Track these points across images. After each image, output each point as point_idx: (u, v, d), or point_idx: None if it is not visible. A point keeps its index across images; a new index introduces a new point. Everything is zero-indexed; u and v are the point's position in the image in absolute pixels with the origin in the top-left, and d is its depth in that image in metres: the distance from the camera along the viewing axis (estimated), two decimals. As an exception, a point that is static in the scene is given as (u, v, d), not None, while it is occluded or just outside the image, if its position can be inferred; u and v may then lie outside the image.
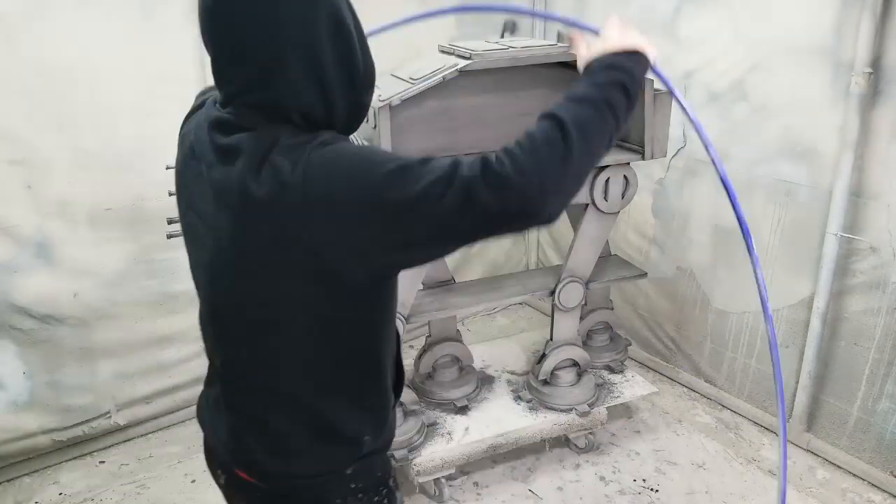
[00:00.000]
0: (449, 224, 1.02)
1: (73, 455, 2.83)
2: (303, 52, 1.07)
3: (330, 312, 1.14)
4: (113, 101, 2.55)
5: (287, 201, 1.02)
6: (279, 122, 1.08)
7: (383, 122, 2.09)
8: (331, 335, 1.16)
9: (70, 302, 2.64)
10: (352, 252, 1.05)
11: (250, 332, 1.20)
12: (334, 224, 1.02)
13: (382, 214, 1.01)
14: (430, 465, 2.48)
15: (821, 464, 2.74)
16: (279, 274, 1.09)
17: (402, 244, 1.07)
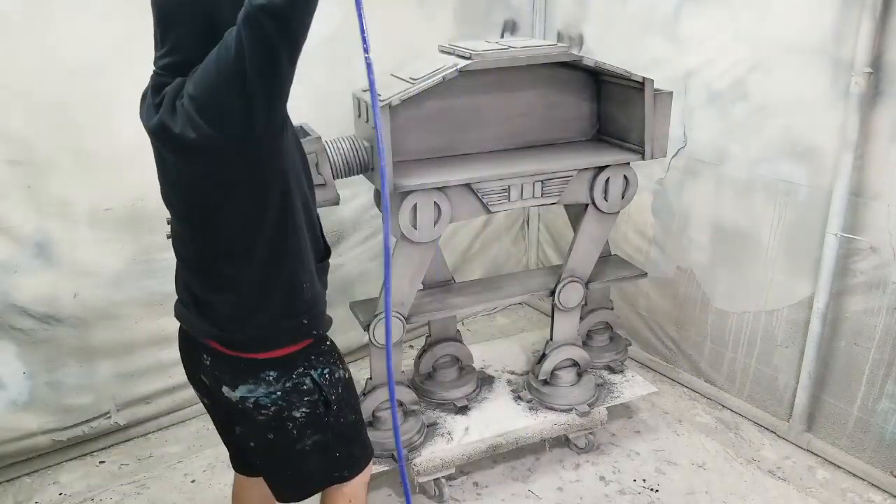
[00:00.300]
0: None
1: (73, 455, 2.83)
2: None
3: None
4: (113, 101, 2.54)
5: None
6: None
7: (383, 122, 2.09)
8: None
9: (70, 302, 2.64)
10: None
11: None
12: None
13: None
14: (430, 465, 2.48)
15: (821, 464, 2.74)
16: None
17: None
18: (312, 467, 1.71)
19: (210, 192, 1.44)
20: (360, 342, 3.42)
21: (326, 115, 2.98)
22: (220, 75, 1.32)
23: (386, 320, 1.74)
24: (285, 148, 1.45)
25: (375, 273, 3.33)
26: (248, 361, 1.58)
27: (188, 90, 1.37)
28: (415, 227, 2.24)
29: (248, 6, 1.27)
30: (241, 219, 1.46)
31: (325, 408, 1.65)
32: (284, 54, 1.35)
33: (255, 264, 1.50)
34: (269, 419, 1.61)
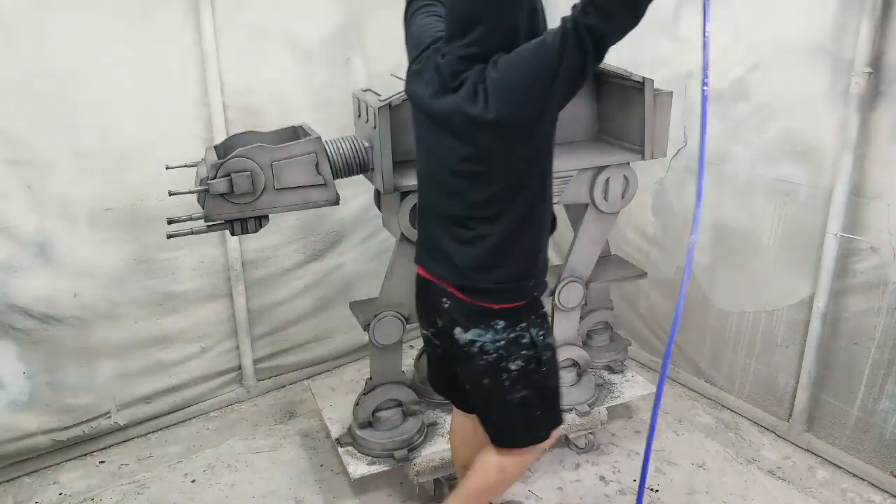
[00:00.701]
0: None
1: (73, 455, 2.83)
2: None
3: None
4: (113, 101, 2.55)
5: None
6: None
7: (383, 122, 2.09)
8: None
9: (70, 302, 2.64)
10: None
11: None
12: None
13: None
14: (431, 465, 2.48)
15: (821, 464, 2.74)
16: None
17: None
18: (516, 421, 1.93)
19: (484, 163, 1.68)
20: (361, 342, 3.42)
21: (326, 115, 3.00)
22: (534, 70, 1.57)
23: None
24: (552, 131, 1.71)
25: (375, 273, 3.33)
26: (482, 309, 1.80)
27: (495, 77, 1.60)
28: (415, 227, 2.24)
29: (579, 20, 1.48)
30: (505, 187, 1.70)
31: (536, 365, 1.86)
32: (591, 69, 1.57)
33: (506, 226, 1.73)
34: (488, 365, 1.83)
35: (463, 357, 1.86)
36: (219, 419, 3.11)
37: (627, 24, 1.50)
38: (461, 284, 1.80)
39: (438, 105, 1.71)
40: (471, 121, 1.63)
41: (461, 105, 1.64)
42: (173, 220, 2.06)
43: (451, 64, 1.68)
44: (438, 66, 1.71)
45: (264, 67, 2.83)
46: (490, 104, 1.59)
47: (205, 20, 2.63)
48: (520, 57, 1.58)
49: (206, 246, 2.90)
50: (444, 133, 1.71)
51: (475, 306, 1.80)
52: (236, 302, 3.04)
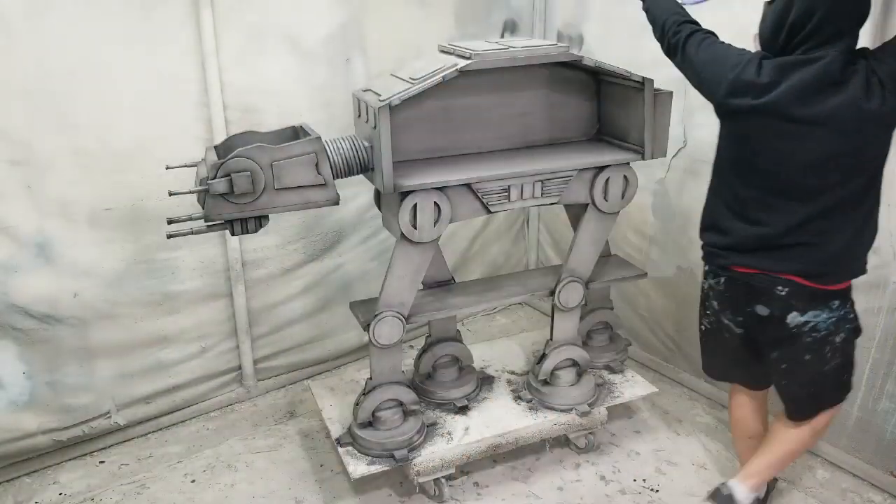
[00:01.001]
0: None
1: (72, 455, 2.83)
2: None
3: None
4: (113, 101, 2.55)
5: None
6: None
7: (383, 122, 2.09)
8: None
9: (70, 302, 2.64)
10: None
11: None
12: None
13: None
14: (430, 465, 2.48)
15: (821, 464, 2.74)
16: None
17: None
18: (827, 387, 2.16)
19: (859, 156, 1.85)
20: (361, 342, 3.42)
21: (326, 115, 3.00)
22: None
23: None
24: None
25: (375, 273, 3.33)
26: (824, 292, 1.99)
27: (889, 70, 1.78)
28: (415, 227, 2.24)
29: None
30: (871, 176, 1.90)
31: (853, 335, 2.09)
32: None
33: (865, 213, 1.95)
34: (815, 342, 2.03)
35: (786, 338, 2.05)
36: (219, 419, 3.11)
37: None
38: (819, 272, 1.97)
39: (814, 108, 1.83)
40: (864, 114, 1.78)
41: (855, 100, 1.78)
42: (173, 220, 2.06)
43: (829, 64, 1.80)
44: (807, 71, 1.83)
45: (264, 67, 2.83)
46: (889, 96, 1.76)
47: (205, 20, 2.63)
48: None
49: (206, 246, 2.90)
50: (815, 134, 1.84)
51: (818, 290, 1.98)
52: (236, 302, 3.04)
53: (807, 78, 1.83)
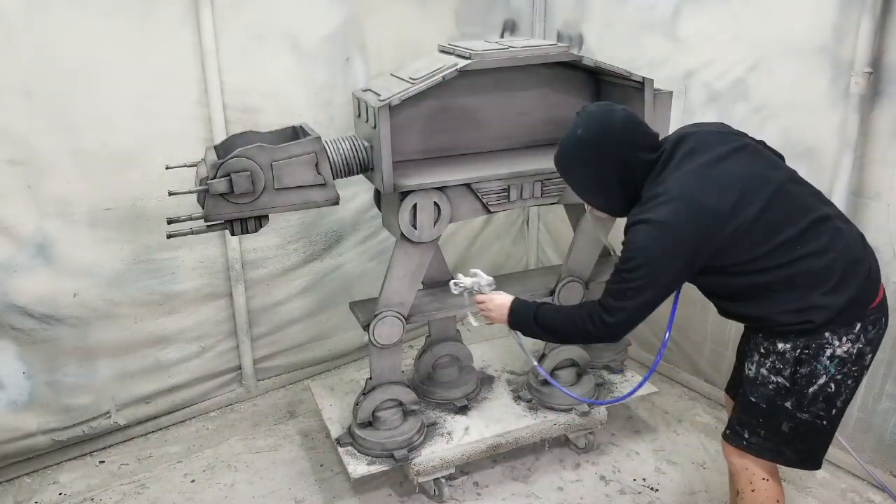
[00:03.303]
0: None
1: (72, 455, 2.83)
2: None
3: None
4: (113, 101, 2.55)
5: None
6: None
7: (383, 122, 2.09)
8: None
9: (70, 302, 2.64)
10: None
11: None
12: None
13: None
14: (430, 465, 2.48)
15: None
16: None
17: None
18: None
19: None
20: (361, 342, 3.42)
21: (326, 115, 3.00)
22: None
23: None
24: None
25: (375, 273, 3.33)
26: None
27: None
28: (415, 227, 2.24)
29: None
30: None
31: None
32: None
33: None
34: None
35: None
36: (219, 419, 3.11)
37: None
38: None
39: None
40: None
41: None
42: (173, 220, 2.06)
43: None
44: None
45: (264, 67, 2.83)
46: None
47: (204, 19, 2.63)
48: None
49: (206, 246, 2.90)
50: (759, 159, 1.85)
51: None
52: (236, 302, 3.04)
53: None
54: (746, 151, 1.82)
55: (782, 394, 1.83)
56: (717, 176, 1.73)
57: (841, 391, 1.82)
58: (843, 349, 1.77)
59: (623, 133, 1.81)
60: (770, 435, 1.87)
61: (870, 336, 1.79)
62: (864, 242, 1.86)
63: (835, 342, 1.76)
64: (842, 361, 1.78)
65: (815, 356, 1.78)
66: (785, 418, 1.84)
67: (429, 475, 2.51)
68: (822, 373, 1.79)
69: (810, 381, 1.80)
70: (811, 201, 1.80)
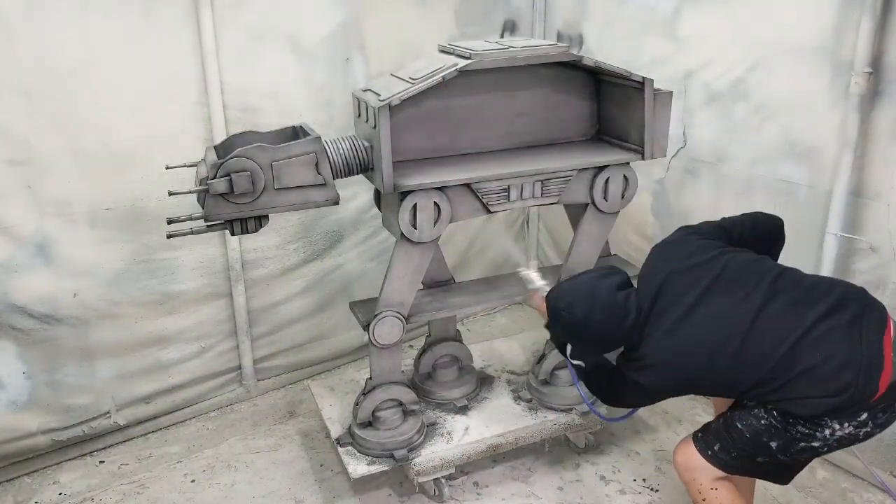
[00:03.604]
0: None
1: (72, 455, 2.83)
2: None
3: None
4: (113, 101, 2.55)
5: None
6: None
7: (383, 122, 2.09)
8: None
9: (70, 302, 2.64)
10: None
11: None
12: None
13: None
14: (430, 465, 2.48)
15: (821, 464, 2.74)
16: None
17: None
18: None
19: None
20: (361, 342, 3.42)
21: (326, 115, 3.00)
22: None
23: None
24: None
25: (375, 273, 3.33)
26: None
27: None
28: (415, 227, 2.24)
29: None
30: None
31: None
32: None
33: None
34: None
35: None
36: (218, 419, 3.11)
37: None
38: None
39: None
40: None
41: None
42: (173, 220, 2.06)
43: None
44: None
45: (264, 67, 2.83)
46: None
47: (205, 20, 2.63)
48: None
49: (206, 246, 2.90)
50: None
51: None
52: (236, 302, 3.04)
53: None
54: (718, 286, 1.86)
55: (771, 433, 1.83)
56: (686, 335, 1.85)
57: (825, 451, 1.88)
58: (844, 431, 1.80)
59: (603, 324, 1.95)
60: (741, 459, 1.89)
61: (880, 421, 1.81)
62: (862, 337, 1.77)
63: (835, 425, 1.79)
64: (841, 439, 1.82)
65: (816, 428, 1.80)
66: (764, 454, 1.86)
67: (429, 475, 2.51)
68: (819, 438, 1.81)
69: (805, 439, 1.82)
70: (792, 317, 1.79)
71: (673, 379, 1.88)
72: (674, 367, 1.86)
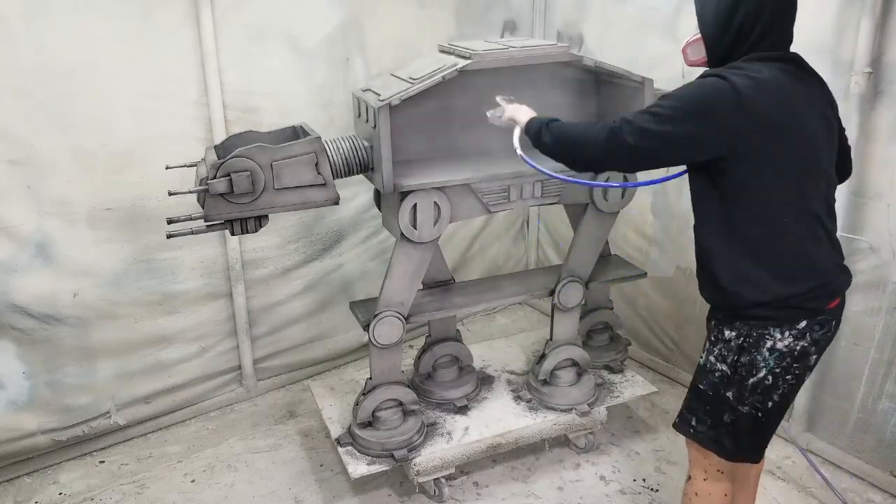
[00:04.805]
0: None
1: (72, 455, 2.83)
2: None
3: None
4: (113, 101, 2.55)
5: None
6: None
7: (383, 122, 2.09)
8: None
9: (70, 302, 2.64)
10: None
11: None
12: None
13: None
14: (430, 465, 2.48)
15: (821, 464, 2.74)
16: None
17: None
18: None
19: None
20: (361, 342, 3.42)
21: (326, 115, 3.00)
22: None
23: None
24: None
25: (375, 273, 3.33)
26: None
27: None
28: (415, 227, 2.24)
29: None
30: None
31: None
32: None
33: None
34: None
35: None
36: (218, 419, 3.11)
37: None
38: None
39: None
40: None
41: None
42: (173, 220, 2.06)
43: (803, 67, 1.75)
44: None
45: (264, 67, 2.83)
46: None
47: (204, 20, 2.63)
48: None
49: (206, 246, 2.90)
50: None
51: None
52: (236, 302, 3.04)
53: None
54: (830, 131, 1.79)
55: (725, 383, 1.83)
56: (801, 104, 1.70)
57: (778, 385, 1.79)
58: (783, 343, 1.75)
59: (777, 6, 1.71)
60: (713, 424, 1.88)
61: (816, 336, 1.76)
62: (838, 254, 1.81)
63: (776, 335, 1.75)
64: (781, 355, 1.76)
65: (756, 346, 1.77)
66: (727, 409, 1.85)
67: (429, 475, 2.51)
68: (761, 364, 1.78)
69: (750, 372, 1.79)
70: (823, 204, 1.76)
71: (755, 102, 1.63)
72: (769, 94, 1.65)
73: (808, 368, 1.82)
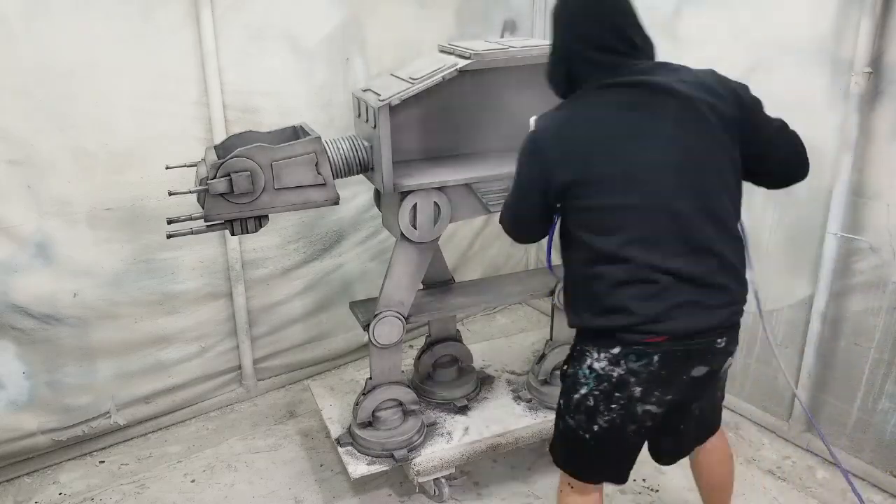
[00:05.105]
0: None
1: (72, 455, 2.83)
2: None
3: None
4: (113, 101, 2.55)
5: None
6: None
7: (383, 122, 2.09)
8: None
9: (70, 302, 2.64)
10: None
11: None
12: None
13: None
14: (430, 465, 2.48)
15: (821, 464, 2.74)
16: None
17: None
18: (720, 405, 2.03)
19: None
20: (360, 342, 3.42)
21: (326, 115, 3.00)
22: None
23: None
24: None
25: (375, 273, 3.33)
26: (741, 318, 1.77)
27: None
28: (415, 227, 2.24)
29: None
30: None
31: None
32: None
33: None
34: (728, 367, 1.87)
35: (712, 384, 1.85)
36: (218, 419, 3.11)
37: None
38: (738, 307, 1.76)
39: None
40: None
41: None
42: (173, 220, 2.06)
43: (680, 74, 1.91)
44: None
45: (264, 67, 2.83)
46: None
47: (204, 20, 2.63)
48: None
49: (206, 246, 2.90)
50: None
51: (739, 322, 1.78)
52: (236, 302, 3.04)
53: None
54: (706, 149, 1.78)
55: (563, 390, 1.86)
56: (628, 135, 1.69)
57: (601, 410, 1.74)
58: (599, 365, 1.71)
59: (574, 17, 1.75)
60: (573, 454, 1.88)
61: (632, 367, 1.67)
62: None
63: (594, 354, 1.73)
64: (599, 377, 1.72)
65: (579, 361, 1.77)
66: (559, 417, 1.87)
67: (429, 475, 2.51)
68: (582, 381, 1.76)
69: (574, 387, 1.78)
70: (662, 241, 1.65)
71: (537, 153, 1.73)
72: (550, 143, 1.73)
73: (632, 401, 1.71)
